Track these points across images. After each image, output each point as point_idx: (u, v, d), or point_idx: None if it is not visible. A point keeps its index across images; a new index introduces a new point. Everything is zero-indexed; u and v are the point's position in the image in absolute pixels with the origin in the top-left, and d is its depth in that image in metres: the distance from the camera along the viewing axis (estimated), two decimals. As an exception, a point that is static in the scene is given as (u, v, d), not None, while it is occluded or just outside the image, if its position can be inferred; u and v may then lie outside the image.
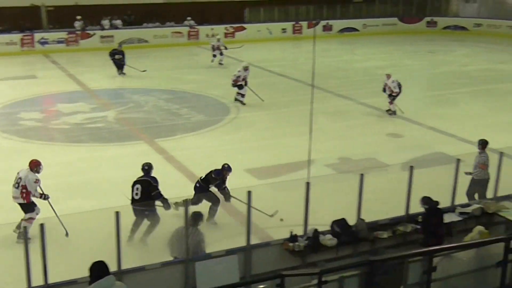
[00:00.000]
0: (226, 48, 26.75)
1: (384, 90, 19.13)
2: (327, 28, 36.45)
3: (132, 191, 10.48)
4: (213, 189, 11.13)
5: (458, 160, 10.10)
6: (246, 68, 20.05)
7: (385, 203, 10.82)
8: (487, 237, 8.17)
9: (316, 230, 9.11)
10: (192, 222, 8.77)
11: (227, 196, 11.01)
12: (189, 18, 33.83)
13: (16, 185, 10.54)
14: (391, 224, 9.74)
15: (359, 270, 5.93)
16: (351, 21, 37.65)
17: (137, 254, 9.59)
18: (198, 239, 8.71)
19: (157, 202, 10.45)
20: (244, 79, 20.01)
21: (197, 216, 8.93)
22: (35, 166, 10.60)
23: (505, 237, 6.40)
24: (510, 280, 6.83)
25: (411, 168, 9.55)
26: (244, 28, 34.12)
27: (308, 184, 9.09)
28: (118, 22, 32.90)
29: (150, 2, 34.24)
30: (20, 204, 10.57)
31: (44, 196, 10.55)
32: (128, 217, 9.96)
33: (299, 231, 9.08)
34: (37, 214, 10.55)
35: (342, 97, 21.33)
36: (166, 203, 10.44)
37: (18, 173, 10.69)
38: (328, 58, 28.76)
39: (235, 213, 11.04)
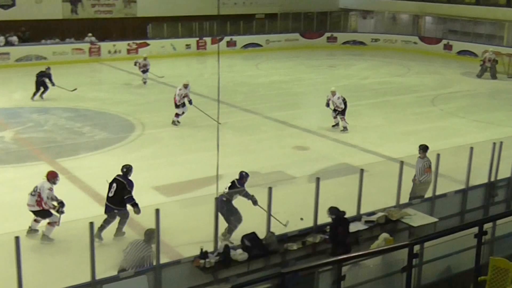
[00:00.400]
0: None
1: (328, 105, 19.40)
2: (231, 44, 36.71)
3: (109, 188, 11.03)
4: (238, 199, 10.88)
5: (362, 170, 10.37)
6: (186, 86, 19.45)
7: (293, 214, 10.96)
8: (392, 244, 8.44)
9: (226, 246, 9.11)
10: (146, 238, 8.91)
11: (255, 201, 10.77)
12: (90, 34, 33.10)
13: (33, 192, 11.03)
14: (300, 235, 9.85)
15: (271, 283, 5.96)
16: (255, 36, 38.06)
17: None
18: (143, 255, 8.76)
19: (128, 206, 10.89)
20: (186, 97, 19.39)
21: (150, 233, 8.85)
22: (52, 177, 11.10)
23: (409, 243, 6.59)
24: (414, 285, 7.07)
25: (318, 179, 9.70)
26: (147, 44, 33.72)
27: (217, 199, 9.10)
28: (14, 38, 31.66)
29: (48, 18, 33.26)
30: (35, 212, 11.03)
31: (58, 208, 10.85)
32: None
33: (209, 247, 9.02)
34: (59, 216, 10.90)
35: (248, 111, 21.48)
36: (137, 207, 10.80)
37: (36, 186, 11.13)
38: (233, 73, 28.95)
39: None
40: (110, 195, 10.96)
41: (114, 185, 10.95)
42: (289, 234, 9.88)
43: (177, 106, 19.38)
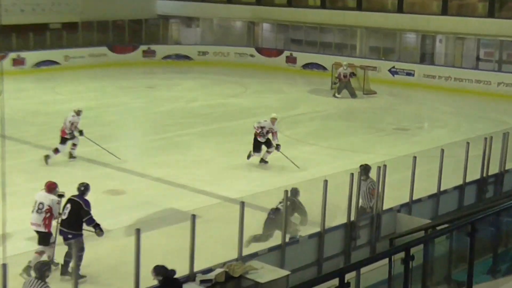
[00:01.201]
0: None
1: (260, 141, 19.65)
2: (19, 62, 35.36)
3: (62, 209, 11.87)
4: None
5: (194, 216, 10.30)
6: (78, 113, 19.94)
7: (109, 278, 10.63)
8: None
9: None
10: (37, 274, 9.27)
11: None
12: None
13: (39, 210, 11.84)
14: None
15: None
16: (49, 52, 36.86)
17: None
18: None
19: (89, 228, 11.70)
20: (76, 126, 19.78)
21: (42, 266, 9.38)
22: (53, 188, 12.01)
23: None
24: None
25: (138, 231, 9.55)
26: None
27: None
28: None
29: None
30: (39, 232, 11.80)
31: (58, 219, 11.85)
32: None
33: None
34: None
35: (44, 148, 20.73)
36: (98, 228, 11.69)
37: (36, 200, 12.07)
38: (23, 100, 28.20)
39: None
40: (63, 217, 11.82)
41: (68, 206, 11.88)
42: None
43: (70, 139, 19.71)
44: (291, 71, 37.54)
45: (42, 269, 9.36)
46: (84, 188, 12.20)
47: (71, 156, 19.94)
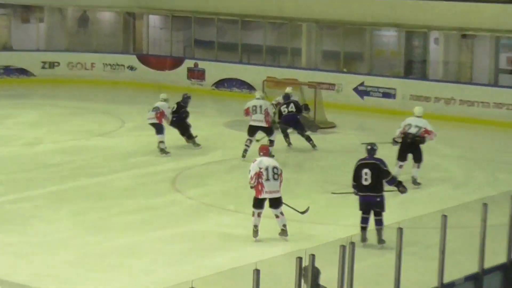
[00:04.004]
0: None
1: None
2: None
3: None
4: None
5: None
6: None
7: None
8: None
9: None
10: None
11: None
12: None
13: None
14: None
15: None
16: None
17: None
18: None
19: None
20: None
21: None
22: None
23: None
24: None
25: None
26: None
27: None
28: None
29: None
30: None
31: None
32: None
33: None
34: None
35: None
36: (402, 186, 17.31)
37: None
38: None
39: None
40: (365, 183, 17.05)
41: (366, 170, 17.14)
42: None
43: None
44: (196, 92, 36.63)
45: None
46: None
47: None
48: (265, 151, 19.75)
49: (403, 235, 13.65)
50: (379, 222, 18.43)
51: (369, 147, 19.32)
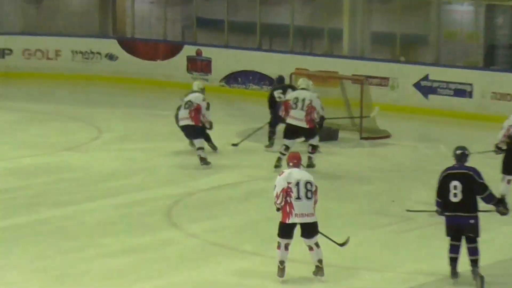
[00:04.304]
0: None
1: None
2: None
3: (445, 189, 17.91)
4: None
5: None
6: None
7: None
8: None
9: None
10: None
11: None
12: None
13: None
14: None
15: None
16: None
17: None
18: None
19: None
20: None
21: None
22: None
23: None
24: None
25: None
26: None
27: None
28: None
29: None
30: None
31: None
32: None
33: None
34: None
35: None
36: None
37: None
38: None
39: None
40: (455, 200, 17.34)
41: (456, 183, 17.48)
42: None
43: None
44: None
45: None
46: None
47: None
48: (296, 160, 18.42)
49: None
50: (473, 251, 18.02)
51: (459, 151, 18.46)
